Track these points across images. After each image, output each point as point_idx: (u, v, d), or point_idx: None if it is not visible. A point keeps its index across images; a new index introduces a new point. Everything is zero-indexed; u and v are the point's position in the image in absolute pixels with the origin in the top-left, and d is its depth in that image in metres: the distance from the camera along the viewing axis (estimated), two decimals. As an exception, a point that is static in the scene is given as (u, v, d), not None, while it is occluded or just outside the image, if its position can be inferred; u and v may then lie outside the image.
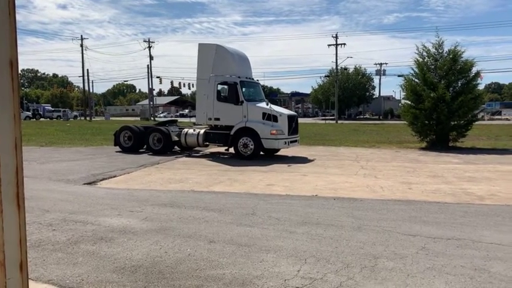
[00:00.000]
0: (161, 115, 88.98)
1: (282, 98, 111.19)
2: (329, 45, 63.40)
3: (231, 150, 14.93)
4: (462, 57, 17.94)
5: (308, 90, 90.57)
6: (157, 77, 72.44)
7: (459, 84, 18.02)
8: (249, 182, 9.88)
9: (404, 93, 19.93)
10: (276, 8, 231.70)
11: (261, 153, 14.60)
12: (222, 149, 15.89)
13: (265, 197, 8.19)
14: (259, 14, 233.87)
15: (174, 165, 12.84)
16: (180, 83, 78.40)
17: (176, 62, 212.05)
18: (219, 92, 14.84)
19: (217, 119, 14.97)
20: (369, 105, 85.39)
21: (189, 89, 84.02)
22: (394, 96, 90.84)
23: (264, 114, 14.33)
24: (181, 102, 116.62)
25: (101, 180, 10.09)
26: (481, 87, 22.91)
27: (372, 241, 5.23)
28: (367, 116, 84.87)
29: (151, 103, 72.71)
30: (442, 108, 16.98)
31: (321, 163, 13.49)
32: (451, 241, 5.26)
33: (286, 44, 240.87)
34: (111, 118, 73.68)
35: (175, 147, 16.38)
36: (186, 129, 16.04)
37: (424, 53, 18.52)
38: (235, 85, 14.59)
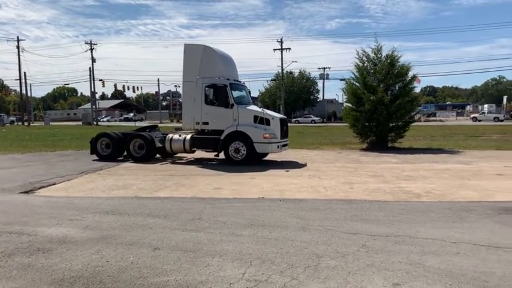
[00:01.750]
0: (104, 119, 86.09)
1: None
2: (274, 49, 64.43)
3: (221, 155, 14.24)
4: (399, 62, 18.87)
5: (255, 94, 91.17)
6: (100, 80, 69.95)
7: (397, 88, 18.91)
8: (196, 187, 9.78)
9: (346, 97, 20.63)
10: (222, 11, 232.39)
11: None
12: (208, 155, 15.31)
13: (212, 201, 8.14)
14: (205, 17, 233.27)
15: (118, 171, 12.44)
16: (124, 86, 76.44)
17: (120, 65, 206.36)
18: (207, 95, 14.18)
19: (206, 123, 14.28)
20: (314, 108, 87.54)
21: (134, 92, 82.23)
22: (337, 99, 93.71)
23: (255, 117, 13.84)
24: (126, 105, 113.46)
25: (39, 188, 9.57)
26: (417, 90, 24.28)
27: (315, 241, 5.36)
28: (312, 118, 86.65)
29: (93, 107, 70.03)
30: (381, 110, 17.75)
31: (267, 165, 13.63)
32: (390, 238, 5.50)
33: (233, 47, 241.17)
34: (51, 123, 70.27)
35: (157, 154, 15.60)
36: (170, 135, 15.07)
37: (364, 58, 19.29)
38: (225, 87, 13.98)
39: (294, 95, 76.18)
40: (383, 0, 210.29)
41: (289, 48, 64.45)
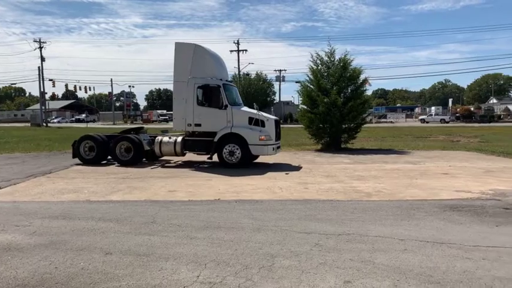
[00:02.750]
0: (55, 120, 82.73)
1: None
2: (231, 50, 64.49)
3: (213, 158, 13.77)
4: (351, 65, 19.43)
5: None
6: (50, 80, 67.08)
7: (349, 90, 19.45)
8: (150, 189, 9.61)
9: (301, 99, 20.96)
10: (177, 11, 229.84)
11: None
12: (198, 158, 14.88)
13: (166, 203, 8.03)
14: (160, 17, 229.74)
15: (68, 174, 12.00)
16: (76, 86, 73.62)
17: (72, 64, 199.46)
18: (198, 95, 13.67)
19: (198, 125, 13.72)
20: (270, 110, 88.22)
21: (86, 92, 79.40)
22: (293, 101, 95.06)
23: (250, 119, 13.48)
24: (78, 106, 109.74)
25: (-19, 193, 9.06)
26: (368, 93, 25.10)
27: (270, 241, 5.42)
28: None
29: (43, 107, 67.02)
30: (335, 112, 18.21)
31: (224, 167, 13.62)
32: (342, 236, 5.66)
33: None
34: (-4, 124, 66.62)
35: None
36: (160, 137, 14.39)
37: (318, 61, 19.71)
38: (218, 88, 13.54)
39: (250, 96, 76.34)
40: (336, 5, 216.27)
41: (246, 50, 64.99)
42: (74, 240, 5.57)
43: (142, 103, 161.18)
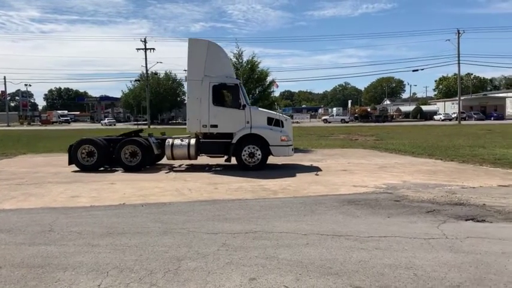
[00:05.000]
0: None
1: (90, 102, 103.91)
2: (138, 49, 62.31)
3: (225, 160, 13.09)
4: (259, 67, 19.96)
5: (118, 94, 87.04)
6: None
7: (257, 92, 19.94)
8: (47, 196, 8.93)
9: (187, 99, 21.00)
10: (79, 6, 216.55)
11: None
12: (206, 160, 13.94)
13: (66, 210, 7.52)
14: (60, 12, 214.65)
15: None
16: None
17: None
18: (214, 95, 12.86)
19: (215, 126, 12.87)
20: (181, 110, 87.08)
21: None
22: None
23: (269, 119, 12.98)
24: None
25: None
26: (276, 94, 25.95)
27: (177, 244, 5.34)
28: (179, 120, 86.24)
29: None
30: (244, 113, 18.50)
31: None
32: (248, 234, 5.77)
33: (93, 45, 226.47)
34: None
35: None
36: (170, 140, 13.31)
37: (227, 62, 19.86)
38: (236, 87, 12.89)
39: (160, 96, 74.72)
40: (244, 7, 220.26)
41: (154, 49, 63.01)
42: (-46, 256, 4.97)
43: (41, 103, 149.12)
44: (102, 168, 13.18)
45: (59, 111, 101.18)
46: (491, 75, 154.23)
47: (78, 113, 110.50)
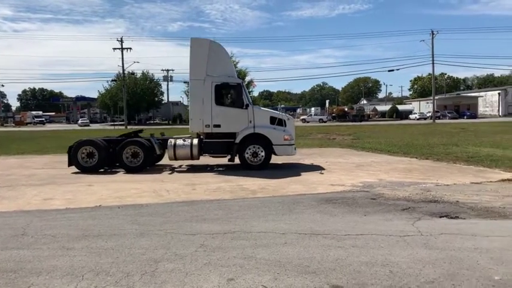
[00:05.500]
0: None
1: (65, 103, 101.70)
2: (114, 48, 61.51)
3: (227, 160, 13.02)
4: (237, 67, 19.92)
5: (95, 95, 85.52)
6: None
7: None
8: (21, 198, 8.72)
9: (189, 99, 20.87)
10: (54, 5, 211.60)
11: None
12: (205, 161, 13.76)
13: (40, 213, 7.35)
14: (33, 11, 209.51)
15: None
16: None
17: None
18: (217, 94, 12.80)
19: (217, 126, 12.82)
20: (159, 110, 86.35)
21: None
22: (182, 101, 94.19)
23: (272, 118, 13.01)
24: None
25: None
26: (255, 94, 25.97)
27: (154, 245, 5.29)
28: (157, 121, 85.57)
29: None
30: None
31: (108, 171, 12.95)
32: (227, 235, 5.76)
33: (68, 44, 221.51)
34: None
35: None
36: (172, 140, 13.16)
37: (205, 62, 19.77)
38: (239, 87, 12.83)
39: (137, 96, 73.78)
40: (222, 7, 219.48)
41: (130, 48, 62.35)
42: None
43: (15, 104, 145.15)
44: (101, 170, 13.05)
45: (33, 112, 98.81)
46: (464, 75, 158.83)
47: (53, 113, 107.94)
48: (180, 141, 13.12)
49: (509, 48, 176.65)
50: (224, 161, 13.58)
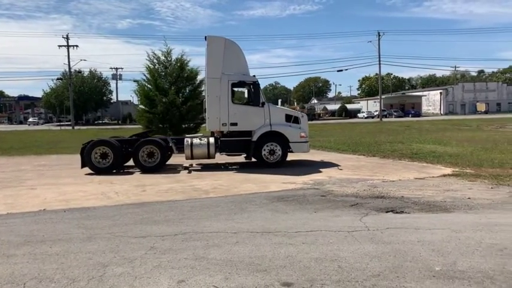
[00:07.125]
0: None
1: (7, 102, 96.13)
2: (60, 46, 58.80)
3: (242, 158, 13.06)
4: (188, 66, 19.74)
5: (39, 94, 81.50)
6: None
7: (187, 90, 19.74)
8: (-45, 205, 8.16)
9: (139, 98, 20.44)
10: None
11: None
12: (219, 159, 13.49)
13: (-23, 219, 6.92)
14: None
15: None
16: None
17: None
18: (234, 93, 13.00)
19: (234, 124, 12.79)
20: (107, 110, 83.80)
21: None
22: (132, 101, 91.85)
23: (287, 116, 13.19)
24: None
25: None
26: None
27: (102, 249, 5.12)
28: (106, 121, 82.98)
29: None
30: (174, 112, 18.25)
31: (51, 173, 12.40)
32: (178, 236, 5.68)
33: (10, 41, 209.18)
34: None
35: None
36: (189, 139, 12.98)
37: (155, 60, 19.53)
38: (255, 85, 12.89)
39: (84, 95, 71.17)
40: (173, 5, 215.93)
41: (77, 46, 59.80)
42: None
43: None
44: (114, 171, 12.65)
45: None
46: (408, 75, 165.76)
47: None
48: (196, 141, 13.07)
49: (450, 50, 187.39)
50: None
